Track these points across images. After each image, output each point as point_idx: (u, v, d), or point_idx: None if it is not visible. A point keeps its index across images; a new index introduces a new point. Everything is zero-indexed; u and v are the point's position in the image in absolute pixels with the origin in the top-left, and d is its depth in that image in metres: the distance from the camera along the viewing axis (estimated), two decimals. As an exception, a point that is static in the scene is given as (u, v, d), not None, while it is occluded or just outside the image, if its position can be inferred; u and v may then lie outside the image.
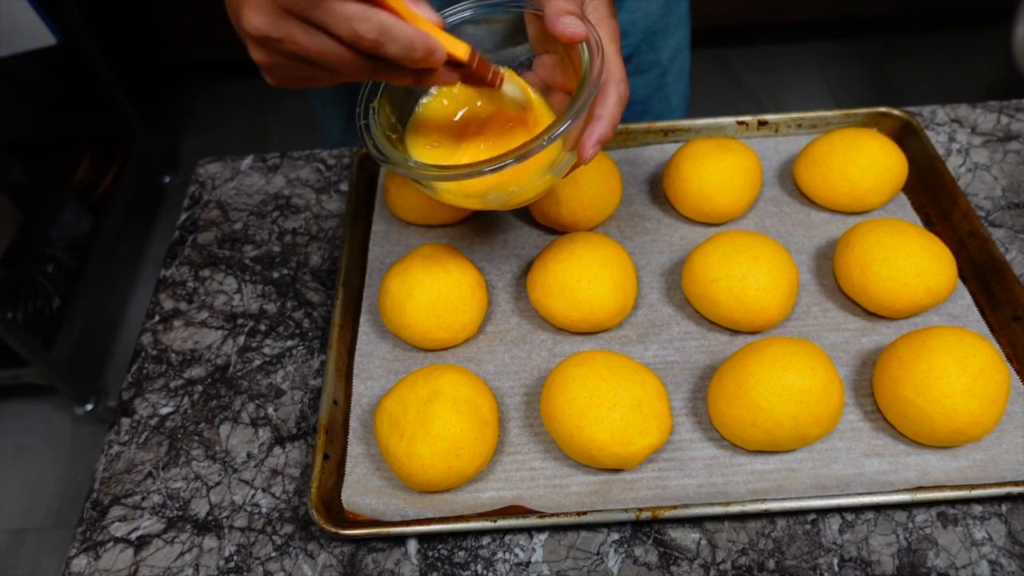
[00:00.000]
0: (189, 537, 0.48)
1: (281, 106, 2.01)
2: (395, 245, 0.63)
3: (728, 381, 0.48)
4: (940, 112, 0.70)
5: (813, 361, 0.46)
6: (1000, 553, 0.45)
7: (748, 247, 0.53)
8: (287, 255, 0.64)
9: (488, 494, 0.48)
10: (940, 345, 0.47)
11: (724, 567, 0.45)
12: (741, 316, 0.53)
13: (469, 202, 0.47)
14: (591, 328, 0.54)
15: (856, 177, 0.59)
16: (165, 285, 0.63)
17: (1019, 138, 0.68)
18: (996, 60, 1.51)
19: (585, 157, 0.44)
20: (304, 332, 0.59)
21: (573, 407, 0.46)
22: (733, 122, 0.67)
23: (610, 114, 0.44)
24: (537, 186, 0.46)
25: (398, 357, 0.56)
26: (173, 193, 1.84)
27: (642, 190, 0.65)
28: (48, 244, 1.45)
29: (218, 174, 0.71)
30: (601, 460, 0.46)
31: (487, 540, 0.47)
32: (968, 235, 0.58)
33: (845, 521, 0.47)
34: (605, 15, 0.45)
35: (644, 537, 0.47)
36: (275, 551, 0.47)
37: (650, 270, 0.59)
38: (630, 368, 0.48)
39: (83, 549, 0.48)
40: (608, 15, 0.45)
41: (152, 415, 0.55)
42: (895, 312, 0.53)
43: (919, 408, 0.46)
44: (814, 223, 0.62)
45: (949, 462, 0.48)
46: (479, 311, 0.55)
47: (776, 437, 0.46)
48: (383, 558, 0.47)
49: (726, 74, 2.04)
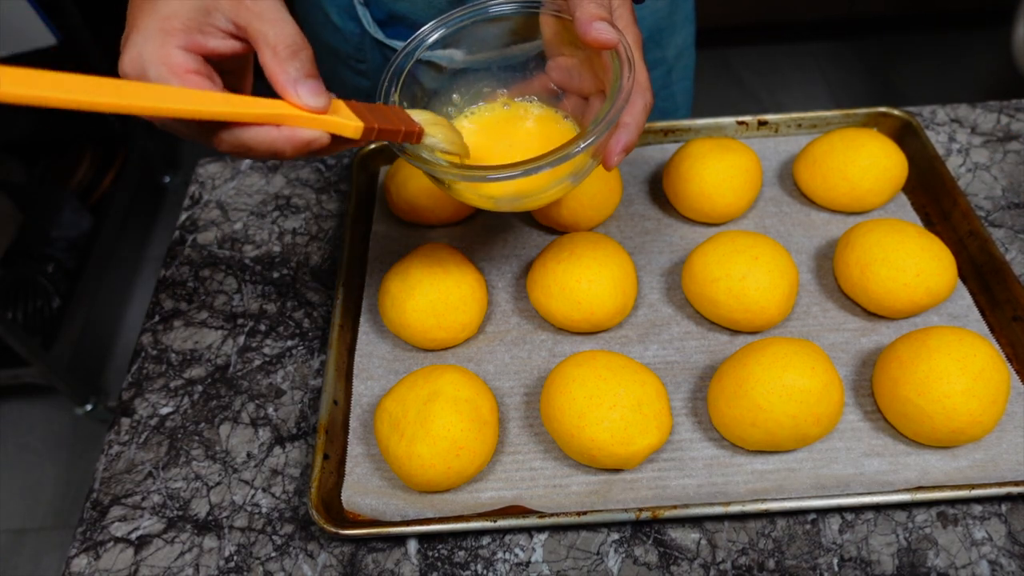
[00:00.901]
0: (189, 537, 0.48)
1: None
2: (395, 245, 0.63)
3: (728, 381, 0.48)
4: (940, 112, 0.70)
5: (813, 361, 0.46)
6: (1000, 553, 0.45)
7: (748, 247, 0.53)
8: (287, 255, 0.64)
9: (488, 494, 0.48)
10: (940, 345, 0.47)
11: (724, 567, 0.45)
12: (741, 316, 0.53)
13: (480, 201, 0.47)
14: (591, 328, 0.54)
15: (856, 177, 0.59)
16: (165, 285, 0.63)
17: (1019, 138, 0.68)
18: (996, 60, 1.51)
19: (610, 165, 0.43)
20: (304, 332, 0.59)
21: (573, 407, 0.46)
22: (733, 122, 0.67)
23: (636, 122, 0.43)
24: (553, 192, 0.46)
25: (398, 357, 0.56)
26: (173, 193, 1.84)
27: (642, 190, 0.65)
28: (48, 244, 1.45)
29: (218, 174, 0.71)
30: (601, 460, 0.46)
31: (487, 540, 0.47)
32: (968, 235, 0.58)
33: (845, 521, 0.47)
34: (630, 21, 0.45)
35: (644, 537, 0.47)
36: (275, 551, 0.47)
37: (650, 270, 0.59)
38: (630, 368, 0.48)
39: (83, 549, 0.48)
40: (632, 21, 0.45)
41: (152, 415, 0.55)
42: (895, 312, 0.53)
43: (919, 408, 0.46)
44: (814, 223, 0.62)
45: (949, 462, 0.48)
46: (479, 311, 0.55)
47: (776, 437, 0.46)
48: (383, 558, 0.47)
49: (727, 74, 2.04)
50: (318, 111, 0.37)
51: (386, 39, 0.67)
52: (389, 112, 0.41)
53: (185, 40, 0.36)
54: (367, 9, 0.67)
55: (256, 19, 0.36)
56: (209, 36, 0.37)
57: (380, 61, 0.70)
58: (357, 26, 0.69)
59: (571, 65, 0.48)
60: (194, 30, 0.36)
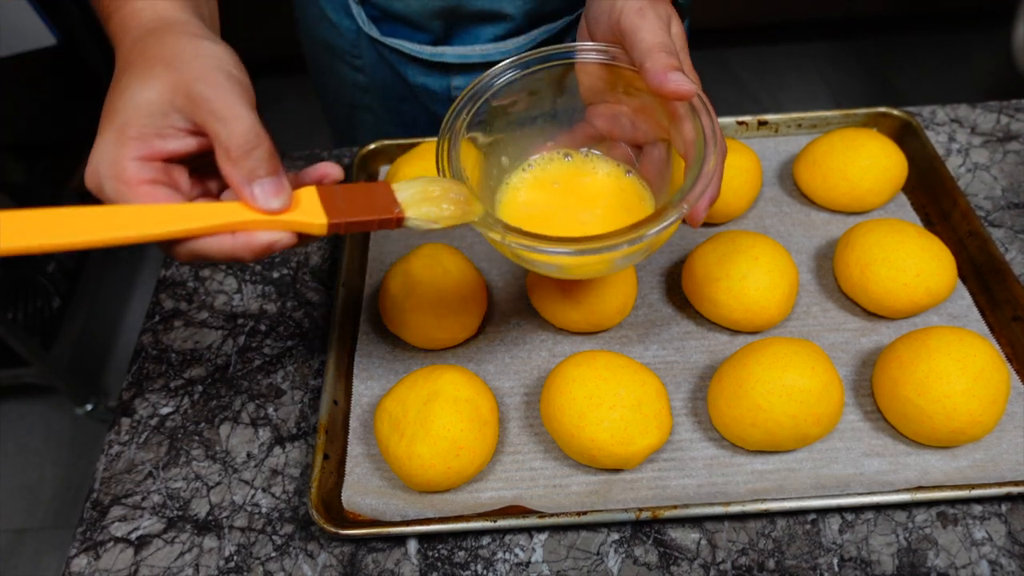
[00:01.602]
0: (189, 537, 0.48)
1: (282, 107, 2.01)
2: (395, 245, 0.63)
3: (728, 381, 0.48)
4: (940, 112, 0.70)
5: (813, 361, 0.46)
6: (1000, 553, 0.45)
7: (748, 247, 0.53)
8: (287, 255, 0.64)
9: (488, 494, 0.48)
10: (940, 345, 0.47)
11: (724, 567, 0.45)
12: (741, 316, 0.53)
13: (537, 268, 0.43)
14: (591, 328, 0.54)
15: (856, 177, 0.59)
16: (165, 285, 0.63)
17: (1019, 138, 0.68)
18: (996, 60, 1.51)
19: (697, 220, 0.40)
20: (304, 332, 0.59)
21: (573, 407, 0.46)
22: (733, 122, 0.67)
23: (720, 174, 0.41)
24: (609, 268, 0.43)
25: (398, 357, 0.56)
26: (173, 193, 1.84)
27: (642, 190, 0.65)
28: (48, 244, 1.45)
29: (218, 174, 0.71)
30: (601, 460, 0.46)
31: (487, 540, 0.47)
32: (968, 235, 0.58)
33: (845, 521, 0.47)
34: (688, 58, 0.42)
35: (644, 537, 0.47)
36: (275, 551, 0.47)
37: (650, 270, 0.59)
38: (630, 368, 0.48)
39: (83, 549, 0.48)
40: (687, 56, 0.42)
41: (152, 415, 0.55)
42: (895, 312, 0.53)
43: (919, 408, 0.46)
44: (814, 223, 0.62)
45: (949, 462, 0.48)
46: (479, 311, 0.55)
47: (776, 437, 0.46)
48: (383, 558, 0.47)
49: (726, 74, 2.04)
50: (276, 212, 0.35)
51: (381, 37, 0.67)
52: (367, 194, 0.38)
53: (140, 149, 0.34)
54: (362, 8, 0.67)
55: (210, 117, 0.34)
56: (169, 139, 0.35)
57: (376, 58, 0.71)
58: (353, 23, 0.69)
59: (613, 112, 0.46)
60: (151, 135, 0.35)
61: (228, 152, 0.34)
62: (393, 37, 0.67)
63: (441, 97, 0.71)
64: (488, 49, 0.67)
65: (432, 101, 0.71)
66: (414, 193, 0.38)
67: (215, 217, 0.34)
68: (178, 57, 0.35)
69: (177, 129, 0.35)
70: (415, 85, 0.70)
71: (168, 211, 0.34)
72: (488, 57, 0.67)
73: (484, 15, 0.64)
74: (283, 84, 1.82)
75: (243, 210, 0.35)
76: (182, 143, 0.36)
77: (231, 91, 0.34)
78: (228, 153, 0.34)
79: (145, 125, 0.34)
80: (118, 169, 0.34)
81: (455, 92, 0.70)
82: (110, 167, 0.34)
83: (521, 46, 0.67)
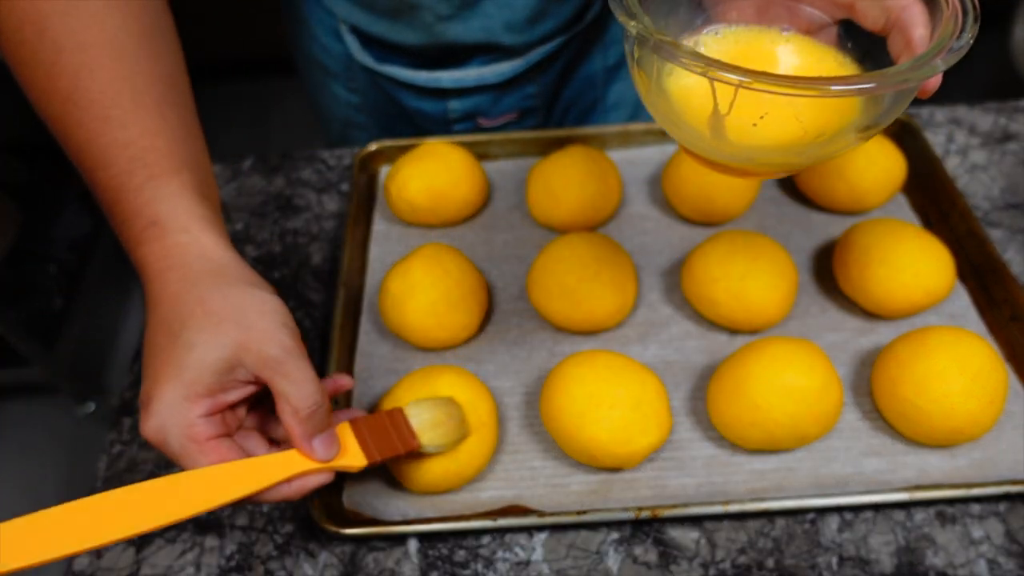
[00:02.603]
0: (190, 536, 0.48)
1: (282, 107, 2.02)
2: (395, 245, 0.63)
3: (727, 381, 0.48)
4: (938, 112, 0.71)
5: (812, 361, 0.47)
6: (998, 552, 0.45)
7: (748, 247, 0.53)
8: (288, 255, 0.64)
9: (488, 493, 0.48)
10: (938, 345, 0.47)
11: (723, 566, 0.45)
12: (741, 316, 0.53)
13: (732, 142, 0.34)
14: (591, 328, 0.55)
15: (855, 177, 0.59)
16: (166, 285, 0.63)
17: (1017, 139, 0.68)
18: (995, 60, 1.51)
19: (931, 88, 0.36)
20: (304, 332, 0.59)
21: (573, 407, 0.46)
22: (732, 122, 0.67)
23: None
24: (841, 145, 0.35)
25: (398, 357, 0.56)
26: (174, 193, 1.84)
27: (642, 190, 0.65)
28: (49, 244, 1.45)
29: (219, 175, 0.71)
30: (601, 459, 0.47)
31: (487, 539, 0.47)
32: (966, 235, 0.58)
33: (844, 520, 0.47)
34: None
35: (644, 536, 0.47)
36: (276, 550, 0.48)
37: (650, 270, 0.60)
38: (630, 368, 0.48)
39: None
40: None
41: (154, 415, 0.55)
42: (894, 312, 0.54)
43: (918, 408, 0.46)
44: (813, 223, 0.62)
45: (947, 461, 0.48)
46: (479, 311, 0.55)
47: (775, 436, 0.46)
48: (384, 557, 0.47)
49: (726, 74, 2.04)
50: (329, 460, 0.40)
51: (374, 65, 0.67)
52: (390, 425, 0.44)
53: (208, 406, 0.37)
54: (354, 36, 0.67)
55: (281, 378, 0.37)
56: (231, 391, 0.38)
57: (368, 81, 0.70)
58: (344, 48, 0.68)
59: None
60: (216, 391, 0.37)
61: (296, 412, 0.38)
62: (386, 64, 0.67)
63: (437, 119, 0.70)
64: (484, 72, 0.66)
65: (429, 123, 0.71)
66: (424, 421, 0.44)
67: (277, 472, 0.38)
68: (244, 316, 0.37)
69: (239, 381, 0.38)
70: (410, 108, 0.70)
71: (235, 470, 0.37)
72: (484, 80, 0.67)
73: (481, 47, 0.64)
74: (283, 84, 1.82)
75: (300, 460, 0.39)
76: (242, 392, 0.39)
77: (296, 351, 0.38)
78: (296, 413, 0.38)
79: (213, 383, 0.37)
80: (188, 429, 0.36)
81: (452, 114, 0.70)
82: (180, 427, 0.36)
83: (518, 68, 0.66)
